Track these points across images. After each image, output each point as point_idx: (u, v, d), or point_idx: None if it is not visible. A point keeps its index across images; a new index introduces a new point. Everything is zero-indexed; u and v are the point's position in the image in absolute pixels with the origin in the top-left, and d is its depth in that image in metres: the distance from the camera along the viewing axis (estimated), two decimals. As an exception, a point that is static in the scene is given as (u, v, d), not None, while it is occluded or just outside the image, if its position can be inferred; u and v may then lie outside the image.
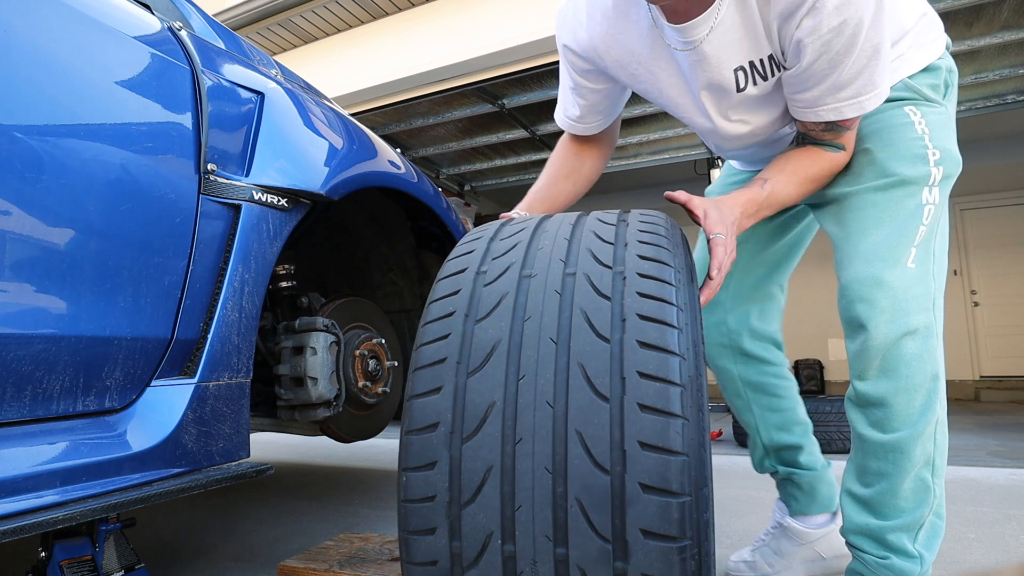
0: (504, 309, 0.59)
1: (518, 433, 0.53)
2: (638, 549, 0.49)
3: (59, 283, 0.84)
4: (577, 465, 0.51)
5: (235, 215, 1.07)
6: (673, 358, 0.53)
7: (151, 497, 0.86)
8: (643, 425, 0.51)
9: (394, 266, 1.87)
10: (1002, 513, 1.86)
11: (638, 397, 0.52)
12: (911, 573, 0.95)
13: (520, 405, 0.54)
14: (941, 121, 1.00)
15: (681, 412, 0.51)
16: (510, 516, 0.52)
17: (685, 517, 0.49)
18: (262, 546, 1.67)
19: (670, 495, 0.49)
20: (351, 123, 1.47)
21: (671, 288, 0.57)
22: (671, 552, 0.48)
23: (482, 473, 0.53)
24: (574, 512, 0.50)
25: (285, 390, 1.31)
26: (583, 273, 0.60)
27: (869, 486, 0.98)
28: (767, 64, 0.93)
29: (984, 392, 6.49)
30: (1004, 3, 3.53)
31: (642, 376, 0.52)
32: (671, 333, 0.54)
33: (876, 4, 0.82)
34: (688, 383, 0.52)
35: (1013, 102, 4.64)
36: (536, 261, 0.63)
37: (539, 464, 0.52)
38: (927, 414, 0.94)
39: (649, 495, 0.49)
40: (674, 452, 0.50)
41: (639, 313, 0.55)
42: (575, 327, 0.56)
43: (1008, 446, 3.29)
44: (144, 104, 0.96)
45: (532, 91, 4.66)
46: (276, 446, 3.67)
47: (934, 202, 0.97)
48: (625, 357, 0.54)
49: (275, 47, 4.89)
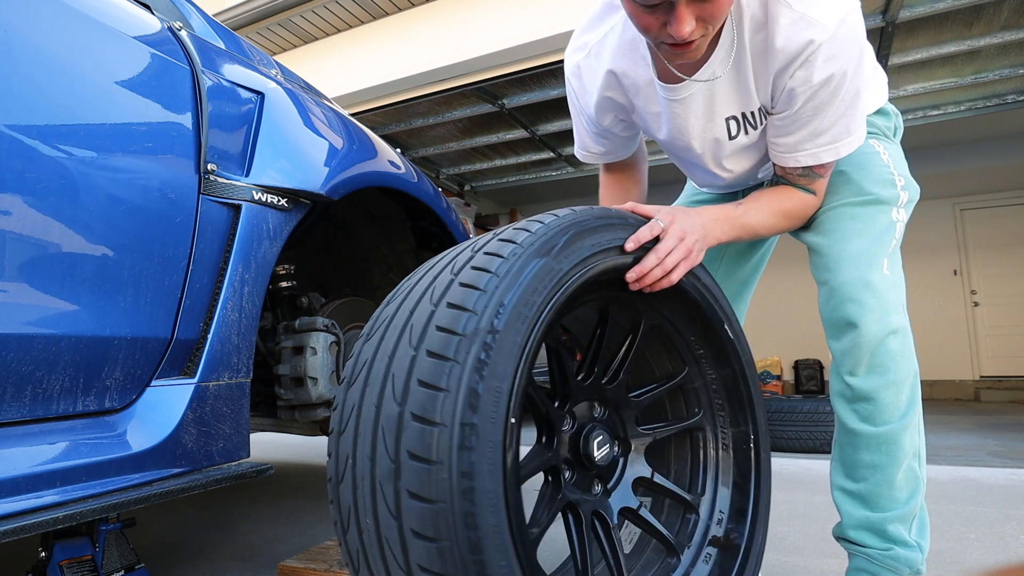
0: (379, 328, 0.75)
1: (370, 382, 0.70)
2: (406, 469, 0.62)
3: (59, 283, 0.84)
4: (387, 401, 0.66)
5: (235, 215, 1.07)
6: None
7: (151, 497, 0.86)
8: (423, 367, 0.65)
9: (394, 266, 1.87)
10: (1002, 513, 1.86)
11: (429, 346, 0.67)
12: (915, 562, 1.00)
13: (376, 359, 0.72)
14: (899, 155, 1.14)
15: (453, 356, 0.64)
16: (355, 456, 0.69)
17: (439, 443, 0.61)
18: (262, 546, 1.67)
19: (428, 423, 0.62)
20: (351, 123, 1.47)
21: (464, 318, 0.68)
22: (427, 471, 0.61)
23: (351, 411, 0.70)
24: (379, 438, 0.65)
25: (285, 390, 1.31)
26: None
27: (863, 480, 1.02)
28: (756, 116, 1.03)
29: (984, 392, 6.49)
30: (1004, 3, 3.53)
31: (438, 330, 0.67)
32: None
33: (859, 58, 0.92)
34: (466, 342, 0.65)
35: (1013, 102, 4.64)
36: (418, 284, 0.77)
37: (369, 401, 0.68)
38: (913, 406, 1.01)
39: (415, 423, 0.63)
40: (438, 388, 0.63)
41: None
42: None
43: (1008, 446, 3.30)
44: (144, 104, 0.96)
45: (532, 91, 4.66)
46: (276, 446, 3.67)
47: (902, 220, 1.09)
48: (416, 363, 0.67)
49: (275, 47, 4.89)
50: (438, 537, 0.59)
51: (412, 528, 0.60)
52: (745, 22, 0.94)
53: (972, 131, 5.69)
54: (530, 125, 5.23)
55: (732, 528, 1.00)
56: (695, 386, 1.05)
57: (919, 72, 4.30)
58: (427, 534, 0.60)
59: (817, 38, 0.88)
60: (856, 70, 0.92)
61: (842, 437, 1.04)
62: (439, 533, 0.59)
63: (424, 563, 0.60)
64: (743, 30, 0.94)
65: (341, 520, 0.69)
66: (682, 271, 0.89)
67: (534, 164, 6.28)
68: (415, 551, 0.60)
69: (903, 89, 4.42)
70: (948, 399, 6.67)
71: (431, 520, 0.59)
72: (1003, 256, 6.76)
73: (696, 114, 1.04)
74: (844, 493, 1.05)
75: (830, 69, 0.90)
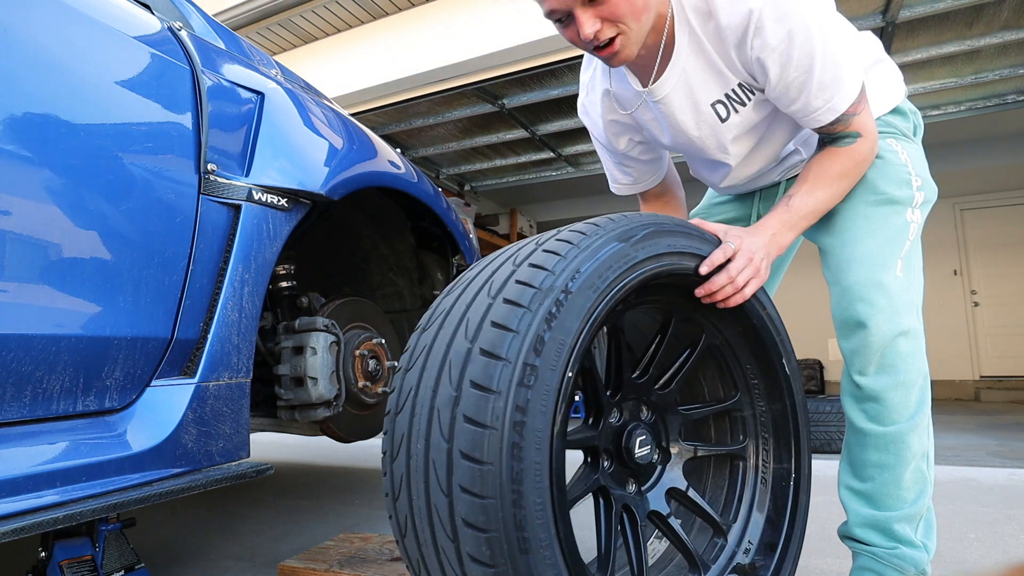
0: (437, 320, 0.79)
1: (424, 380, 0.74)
2: (465, 396, 0.66)
3: (59, 283, 0.84)
4: (458, 340, 0.71)
5: (235, 215, 1.07)
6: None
7: (151, 497, 0.87)
8: (499, 311, 0.70)
9: (394, 266, 1.87)
10: (1002, 513, 1.86)
11: (506, 295, 0.73)
12: (921, 562, 1.00)
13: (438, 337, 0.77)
14: (918, 154, 1.12)
15: (527, 304, 0.69)
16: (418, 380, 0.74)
17: (500, 375, 0.65)
18: (262, 546, 1.67)
19: (495, 358, 0.66)
20: (351, 123, 1.47)
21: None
22: (485, 399, 0.65)
23: (407, 394, 0.74)
24: (445, 370, 0.70)
25: (285, 390, 1.31)
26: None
27: (870, 479, 1.02)
28: (740, 93, 1.03)
29: (984, 392, 6.48)
30: (1004, 3, 3.53)
31: (517, 283, 0.72)
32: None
33: (811, 5, 0.91)
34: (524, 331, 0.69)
35: (1013, 102, 4.64)
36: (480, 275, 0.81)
37: (426, 386, 0.72)
38: (922, 407, 1.01)
39: (483, 357, 0.67)
40: (508, 329, 0.67)
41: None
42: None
43: (1008, 446, 3.30)
44: (144, 104, 0.96)
45: (532, 91, 4.66)
46: (276, 446, 3.67)
47: (917, 221, 1.07)
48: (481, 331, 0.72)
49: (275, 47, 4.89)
50: (485, 460, 0.63)
51: (461, 450, 0.64)
52: (690, 15, 0.97)
53: (972, 131, 5.69)
54: (530, 125, 5.23)
55: (759, 559, 1.00)
56: (743, 414, 1.07)
57: (919, 72, 4.30)
58: (475, 456, 0.64)
59: (754, 5, 0.90)
60: (815, 15, 0.92)
61: (851, 436, 1.05)
62: (487, 457, 0.63)
63: (466, 484, 0.64)
64: (691, 23, 0.98)
65: (393, 488, 0.74)
66: (754, 288, 0.93)
67: (534, 164, 6.28)
68: (459, 471, 0.64)
69: (903, 89, 4.42)
70: (948, 399, 6.67)
71: (481, 444, 0.64)
72: (1003, 256, 6.76)
73: (682, 108, 1.06)
74: (851, 492, 1.05)
75: (785, 27, 0.91)
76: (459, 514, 0.64)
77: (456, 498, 0.65)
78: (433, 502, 0.67)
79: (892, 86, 1.15)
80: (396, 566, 1.28)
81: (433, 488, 0.67)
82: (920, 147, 1.15)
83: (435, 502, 0.67)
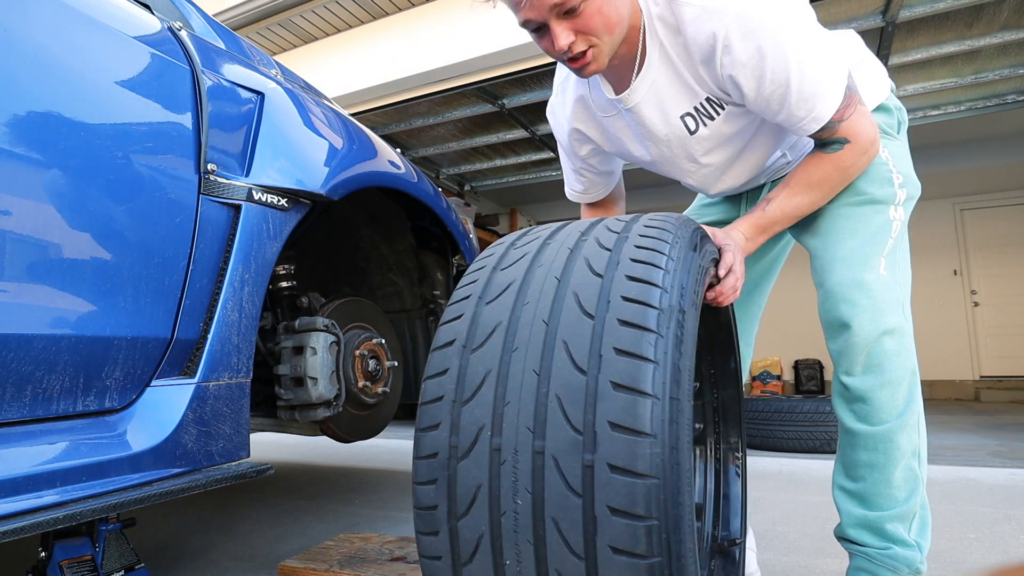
0: (509, 295, 0.69)
1: (515, 344, 0.64)
2: (605, 440, 0.57)
3: (59, 283, 0.84)
4: (560, 367, 0.61)
5: (235, 215, 1.07)
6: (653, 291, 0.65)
7: (151, 497, 0.86)
8: (619, 335, 0.61)
9: (394, 266, 1.87)
10: (1002, 513, 1.86)
11: (619, 314, 0.63)
12: (913, 561, 1.00)
13: (520, 324, 0.65)
14: (901, 151, 1.12)
15: (656, 328, 0.61)
16: (500, 412, 0.62)
17: (653, 415, 0.57)
18: (262, 546, 1.67)
19: (639, 394, 0.57)
20: (351, 123, 1.47)
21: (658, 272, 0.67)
22: (637, 444, 0.56)
23: (481, 376, 0.64)
24: (552, 407, 0.60)
25: (285, 390, 1.31)
26: (583, 257, 0.70)
27: (861, 479, 1.02)
28: (708, 107, 1.03)
29: (984, 392, 6.48)
30: (1004, 3, 3.53)
31: (625, 300, 0.63)
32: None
33: (781, 17, 0.90)
34: (665, 307, 0.63)
35: (1013, 102, 4.64)
36: (544, 255, 0.73)
37: (528, 368, 0.62)
38: (912, 405, 1.01)
39: (619, 392, 0.58)
40: (646, 359, 0.59)
41: (623, 295, 0.65)
42: (570, 269, 0.68)
43: (1008, 446, 3.30)
44: (144, 104, 0.96)
45: (532, 91, 4.66)
46: (276, 446, 3.67)
47: (900, 219, 1.08)
48: (614, 284, 0.64)
49: (275, 47, 4.89)
50: (647, 515, 0.55)
51: (610, 505, 0.56)
52: (658, 28, 0.97)
53: (972, 131, 5.69)
54: (530, 125, 5.23)
55: (725, 534, 1.06)
56: (703, 401, 1.13)
57: (919, 72, 4.30)
58: (635, 512, 0.55)
59: (718, 30, 0.90)
60: (785, 27, 0.90)
61: (842, 437, 1.06)
62: (649, 510, 0.55)
63: (622, 544, 0.55)
64: (660, 36, 0.98)
65: (456, 502, 0.62)
66: (740, 288, 0.98)
67: (534, 164, 6.28)
68: (611, 529, 0.56)
69: (903, 89, 4.42)
70: (948, 399, 6.67)
71: (641, 496, 0.55)
72: (1003, 256, 6.76)
73: (653, 120, 1.07)
74: (843, 492, 1.05)
75: (753, 43, 0.89)
76: (604, 542, 0.56)
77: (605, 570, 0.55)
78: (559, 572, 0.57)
79: (875, 84, 1.15)
80: (396, 566, 1.28)
81: (555, 552, 0.57)
82: (904, 143, 1.15)
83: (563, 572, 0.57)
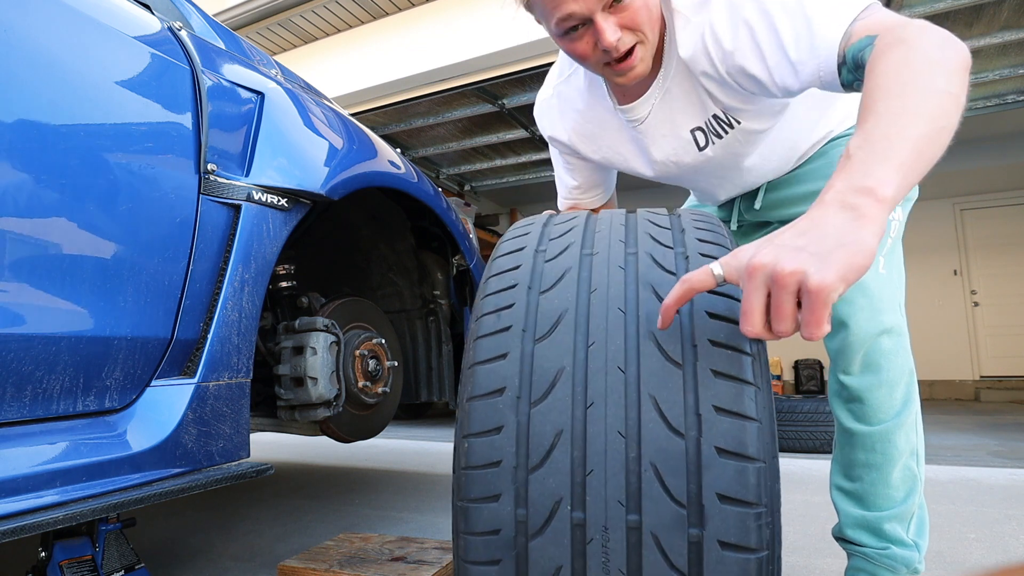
0: (568, 281, 0.60)
1: (589, 397, 0.54)
2: (715, 514, 0.49)
3: (59, 283, 0.83)
4: (651, 429, 0.52)
5: (235, 215, 1.07)
6: None
7: (151, 497, 0.86)
8: (717, 390, 0.52)
9: (394, 266, 1.87)
10: (1002, 513, 1.86)
11: (710, 364, 0.53)
12: (912, 561, 1.00)
13: (590, 371, 0.55)
14: None
15: (753, 380, 0.52)
16: (580, 482, 0.52)
17: (761, 482, 0.50)
18: (262, 546, 1.67)
19: (747, 460, 0.50)
20: (351, 123, 1.47)
21: None
22: (748, 517, 0.49)
23: (552, 437, 0.53)
24: (648, 477, 0.51)
25: (285, 390, 1.31)
26: (645, 252, 0.62)
27: (859, 479, 1.02)
28: (715, 123, 1.00)
29: (984, 392, 6.48)
30: (1004, 3, 3.53)
31: (713, 344, 0.54)
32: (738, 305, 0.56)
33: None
34: (758, 352, 0.54)
35: (1013, 102, 4.64)
36: (596, 242, 0.65)
37: (611, 428, 0.52)
38: (909, 404, 1.00)
39: (725, 459, 0.50)
40: (749, 418, 0.51)
41: None
42: (642, 299, 0.58)
43: (1008, 446, 3.29)
44: (144, 104, 0.96)
45: (532, 91, 4.65)
46: (276, 446, 3.67)
47: (898, 219, 1.07)
48: (696, 326, 0.55)
49: (275, 47, 4.89)
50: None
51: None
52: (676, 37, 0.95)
53: (972, 131, 5.68)
54: (530, 125, 5.23)
55: None
56: None
57: (919, 72, 4.29)
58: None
59: (704, 33, 0.88)
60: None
61: (840, 436, 1.05)
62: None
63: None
64: (675, 45, 0.94)
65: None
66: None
67: (534, 164, 6.28)
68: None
69: (903, 89, 4.41)
70: (948, 399, 6.67)
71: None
72: (1003, 256, 6.76)
73: (663, 133, 1.03)
74: (841, 492, 1.05)
75: (735, 18, 0.84)
76: None
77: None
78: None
79: None
80: (396, 566, 1.28)
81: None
82: None
83: None
